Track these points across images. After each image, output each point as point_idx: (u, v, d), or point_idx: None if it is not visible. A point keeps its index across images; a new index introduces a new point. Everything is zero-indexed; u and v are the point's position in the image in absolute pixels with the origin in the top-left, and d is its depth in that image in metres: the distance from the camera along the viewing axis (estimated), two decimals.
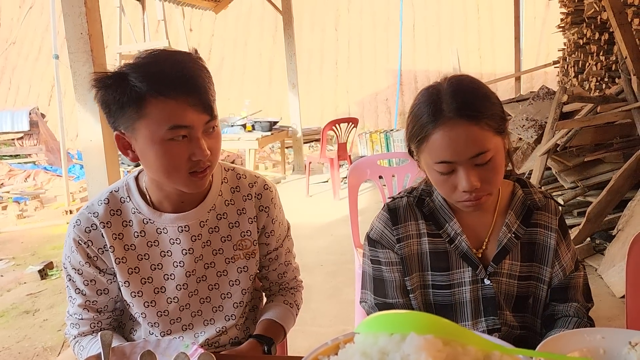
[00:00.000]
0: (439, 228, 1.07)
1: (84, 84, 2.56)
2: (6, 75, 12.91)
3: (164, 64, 0.95)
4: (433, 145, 0.96)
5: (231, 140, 6.05)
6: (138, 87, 0.92)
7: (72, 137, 10.04)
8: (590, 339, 0.82)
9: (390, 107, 11.02)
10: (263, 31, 12.23)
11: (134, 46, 7.46)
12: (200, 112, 0.96)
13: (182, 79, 0.94)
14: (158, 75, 0.93)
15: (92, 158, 2.62)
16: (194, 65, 0.97)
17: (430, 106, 0.96)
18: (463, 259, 1.05)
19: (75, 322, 1.12)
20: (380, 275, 1.10)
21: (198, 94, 0.95)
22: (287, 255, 1.26)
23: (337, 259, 3.68)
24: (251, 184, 1.17)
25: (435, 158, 0.96)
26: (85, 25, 2.52)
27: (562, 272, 1.07)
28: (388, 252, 1.09)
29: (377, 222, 1.11)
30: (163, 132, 0.94)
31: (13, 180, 7.55)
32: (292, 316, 1.25)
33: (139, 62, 0.96)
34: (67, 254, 1.09)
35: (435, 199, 1.08)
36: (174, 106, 0.93)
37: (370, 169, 2.47)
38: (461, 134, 0.94)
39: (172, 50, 1.01)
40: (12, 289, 3.62)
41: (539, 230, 1.07)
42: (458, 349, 0.57)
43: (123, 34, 7.28)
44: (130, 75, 0.94)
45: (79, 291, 1.10)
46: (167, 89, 0.93)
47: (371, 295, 1.11)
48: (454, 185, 0.97)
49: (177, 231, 1.09)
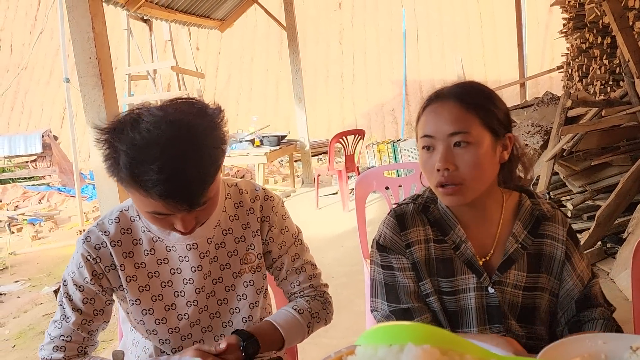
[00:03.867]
0: (444, 234, 1.08)
1: (93, 107, 2.62)
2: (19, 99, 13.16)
3: (154, 161, 0.88)
4: (422, 121, 1.04)
5: (240, 156, 6.11)
6: (124, 174, 0.91)
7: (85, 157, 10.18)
8: (591, 345, 0.83)
9: (397, 118, 11.04)
10: (269, 47, 12.36)
11: (143, 67, 7.59)
12: (182, 210, 0.94)
13: (168, 184, 0.89)
14: (144, 174, 0.89)
15: (104, 178, 2.66)
16: (195, 155, 0.91)
17: (432, 94, 1.06)
18: (467, 266, 1.06)
19: (61, 345, 1.08)
20: (392, 281, 1.09)
21: (184, 200, 0.92)
22: (296, 261, 1.22)
23: (348, 271, 3.69)
24: (252, 198, 1.19)
25: (421, 133, 1.03)
26: (93, 49, 2.58)
27: (581, 282, 1.07)
28: (400, 257, 1.09)
29: (385, 229, 1.11)
30: (145, 210, 0.97)
31: (27, 202, 7.67)
32: (298, 323, 1.17)
33: (134, 144, 0.89)
34: (73, 270, 1.09)
35: (439, 206, 1.10)
36: (154, 203, 0.93)
37: (376, 180, 2.49)
38: (446, 110, 1.00)
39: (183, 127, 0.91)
40: (29, 310, 3.67)
41: (546, 242, 1.07)
42: (455, 358, 0.59)
43: (131, 55, 7.41)
44: (121, 157, 0.90)
45: (76, 309, 1.08)
46: (151, 193, 0.90)
47: (384, 303, 1.09)
48: (432, 166, 1.00)
49: (186, 249, 1.12)
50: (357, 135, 5.72)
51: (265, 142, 6.26)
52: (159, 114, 0.92)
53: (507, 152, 1.05)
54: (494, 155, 1.02)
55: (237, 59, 12.55)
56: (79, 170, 6.19)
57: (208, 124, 0.95)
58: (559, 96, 3.97)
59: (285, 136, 6.73)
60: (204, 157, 0.93)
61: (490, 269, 1.07)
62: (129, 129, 0.91)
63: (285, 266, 1.22)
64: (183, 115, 0.93)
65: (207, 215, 1.03)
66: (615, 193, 3.19)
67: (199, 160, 0.91)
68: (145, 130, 0.90)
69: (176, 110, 0.95)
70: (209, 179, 0.95)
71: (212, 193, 0.98)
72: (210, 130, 0.95)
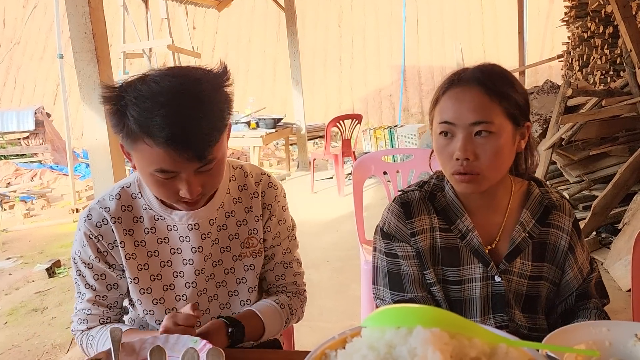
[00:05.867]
0: (450, 224, 1.06)
1: (89, 83, 2.57)
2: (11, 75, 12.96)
3: (163, 109, 0.89)
4: (441, 106, 0.99)
5: (235, 138, 6.06)
6: (132, 125, 0.91)
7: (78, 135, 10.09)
8: (595, 332, 0.82)
9: (394, 103, 11.00)
10: (266, 29, 12.23)
11: (138, 45, 7.48)
12: (190, 161, 0.93)
13: (177, 131, 0.89)
14: (152, 122, 0.89)
15: (98, 156, 2.63)
16: (200, 107, 0.91)
17: (452, 75, 1.01)
18: (474, 255, 1.04)
19: (83, 318, 1.12)
20: (396, 269, 1.08)
21: (190, 147, 0.91)
22: (286, 255, 1.22)
23: (343, 255, 3.69)
24: (257, 182, 1.17)
25: (439, 118, 0.98)
26: (89, 24, 2.53)
27: (580, 274, 1.07)
28: (404, 245, 1.07)
29: (389, 216, 1.09)
30: (151, 170, 0.94)
31: (20, 179, 7.60)
32: (279, 316, 1.17)
33: (142, 95, 0.91)
34: (78, 248, 1.09)
35: (447, 194, 1.08)
36: (162, 154, 0.91)
37: (374, 165, 2.47)
38: (469, 97, 0.95)
39: (185, 83, 0.93)
40: (21, 287, 3.65)
41: (552, 231, 1.06)
42: (464, 342, 0.58)
43: (127, 32, 7.29)
44: (129, 110, 0.91)
45: (88, 286, 1.10)
46: (158, 139, 0.90)
47: (386, 291, 1.09)
48: (450, 153, 0.97)
49: (187, 229, 1.10)
50: (354, 120, 5.68)
51: (261, 124, 6.21)
52: (165, 71, 0.95)
53: (524, 141, 1.03)
54: (513, 145, 1.00)
55: (234, 40, 12.40)
56: (71, 148, 6.11)
57: (214, 81, 0.96)
58: (559, 85, 3.95)
59: (281, 119, 6.68)
60: (211, 109, 0.93)
61: (496, 257, 1.06)
62: (136, 83, 0.93)
63: (275, 258, 1.21)
64: (188, 72, 0.96)
65: (212, 184, 1.01)
66: (612, 183, 3.19)
67: (205, 111, 0.92)
68: (152, 82, 0.92)
69: (181, 69, 0.98)
70: (215, 132, 0.94)
71: (219, 153, 0.97)
72: (216, 87, 0.95)
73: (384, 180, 2.56)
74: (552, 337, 0.80)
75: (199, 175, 0.97)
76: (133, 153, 0.96)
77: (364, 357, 0.57)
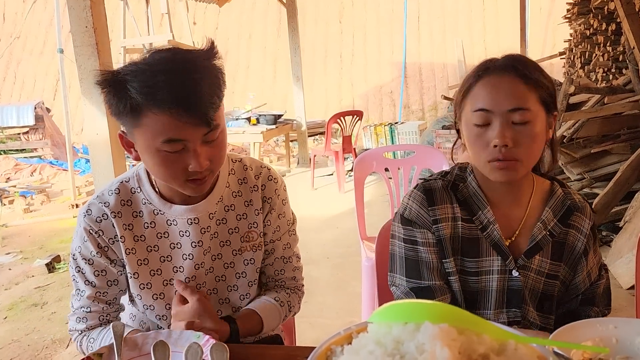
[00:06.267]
0: (472, 215, 1.06)
1: (89, 78, 2.56)
2: (11, 69, 12.93)
3: (163, 75, 0.91)
4: (475, 94, 0.98)
5: (236, 134, 6.05)
6: (135, 98, 0.90)
7: (78, 131, 10.07)
8: (603, 329, 0.82)
9: (395, 100, 10.98)
10: (267, 24, 12.19)
11: (138, 40, 7.45)
12: (197, 126, 0.92)
13: (180, 93, 0.90)
14: (155, 86, 0.90)
15: (98, 152, 2.62)
16: (197, 72, 0.92)
17: (480, 65, 1.00)
18: (493, 248, 1.04)
19: (82, 316, 1.10)
20: (415, 256, 1.06)
21: (195, 109, 0.91)
22: (286, 250, 1.21)
23: (343, 252, 3.69)
24: (257, 175, 1.16)
25: (473, 106, 0.97)
26: (90, 18, 2.52)
27: (588, 278, 1.07)
28: (425, 232, 1.06)
29: (411, 202, 1.08)
30: (158, 144, 0.93)
31: (19, 174, 7.59)
32: (278, 314, 1.17)
33: (139, 68, 0.92)
34: (78, 244, 1.08)
35: (469, 185, 1.07)
36: (168, 120, 0.90)
37: (376, 161, 2.46)
38: (505, 84, 0.95)
39: (177, 54, 0.95)
40: (21, 282, 3.65)
41: (571, 232, 1.07)
42: (473, 338, 0.57)
43: (127, 27, 7.26)
44: (129, 83, 0.91)
45: (88, 282, 1.09)
46: (163, 103, 0.89)
47: (402, 279, 1.07)
48: (487, 141, 0.96)
49: (187, 223, 1.09)
50: (355, 117, 5.67)
51: (261, 120, 6.20)
52: (155, 50, 0.97)
53: (551, 131, 1.03)
54: (545, 133, 1.00)
55: (235, 35, 12.37)
56: (71, 143, 6.10)
57: (204, 54, 0.97)
58: (561, 82, 3.94)
59: (281, 115, 6.67)
60: (208, 75, 0.94)
61: (515, 251, 1.06)
62: (130, 63, 0.94)
63: (275, 253, 1.20)
64: (177, 48, 0.98)
65: (219, 157, 1.00)
66: (613, 181, 3.19)
67: (203, 76, 0.93)
68: (148, 57, 0.94)
69: (170, 47, 1.00)
70: (215, 97, 0.94)
71: (221, 122, 0.97)
72: (207, 57, 0.96)
73: (386, 177, 2.55)
74: (559, 333, 0.79)
75: (206, 146, 0.96)
76: (137, 133, 0.95)
77: (371, 352, 0.57)
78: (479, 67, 1.00)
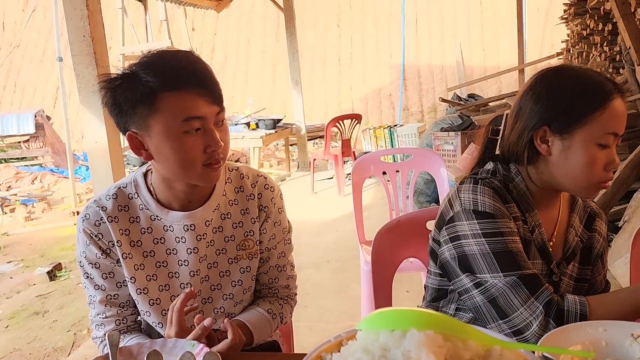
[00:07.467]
0: (522, 215, 1.06)
1: (87, 86, 2.57)
2: (11, 78, 12.97)
3: (171, 60, 0.98)
4: (608, 116, 0.97)
5: (235, 139, 6.05)
6: (150, 82, 0.95)
7: (78, 138, 10.08)
8: (592, 332, 0.83)
9: (394, 103, 10.99)
10: (265, 29, 12.22)
11: (137, 47, 7.48)
12: (211, 103, 0.99)
13: (192, 72, 0.98)
14: (168, 69, 0.97)
15: (98, 159, 2.64)
16: (199, 59, 1.01)
17: (606, 83, 0.99)
18: (539, 251, 1.05)
19: (99, 323, 1.11)
20: (504, 248, 0.96)
21: (208, 86, 0.99)
22: (281, 259, 1.22)
23: (343, 255, 3.69)
24: (253, 184, 1.17)
25: (607, 129, 0.97)
26: (87, 27, 2.53)
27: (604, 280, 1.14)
28: (508, 221, 0.99)
29: (482, 197, 1.00)
30: (178, 124, 0.97)
31: (20, 182, 7.60)
32: (269, 326, 1.17)
33: (146, 61, 0.99)
34: (82, 249, 1.08)
35: (517, 186, 1.06)
36: (186, 98, 0.96)
37: (373, 165, 2.47)
38: (624, 108, 0.99)
39: (175, 49, 1.05)
40: (22, 291, 3.66)
41: (595, 236, 1.12)
42: (459, 344, 0.58)
43: (126, 35, 7.29)
44: (139, 73, 0.97)
45: (97, 287, 1.09)
46: (179, 82, 0.96)
47: (495, 276, 0.95)
48: (605, 162, 0.98)
49: (183, 230, 1.10)
50: (354, 120, 5.68)
51: (261, 125, 6.21)
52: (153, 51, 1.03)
53: None
54: None
55: (233, 41, 12.39)
56: (72, 151, 6.12)
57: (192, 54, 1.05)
58: None
59: (281, 119, 6.68)
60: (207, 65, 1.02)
61: (554, 256, 1.09)
62: (134, 62, 1.01)
63: (270, 261, 1.21)
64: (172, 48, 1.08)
65: (227, 142, 1.04)
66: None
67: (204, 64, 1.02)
68: (149, 54, 1.01)
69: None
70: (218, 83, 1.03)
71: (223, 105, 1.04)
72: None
73: (383, 181, 2.56)
74: (548, 337, 0.80)
75: (217, 130, 1.02)
76: (153, 121, 0.98)
77: None
78: (609, 87, 0.99)
